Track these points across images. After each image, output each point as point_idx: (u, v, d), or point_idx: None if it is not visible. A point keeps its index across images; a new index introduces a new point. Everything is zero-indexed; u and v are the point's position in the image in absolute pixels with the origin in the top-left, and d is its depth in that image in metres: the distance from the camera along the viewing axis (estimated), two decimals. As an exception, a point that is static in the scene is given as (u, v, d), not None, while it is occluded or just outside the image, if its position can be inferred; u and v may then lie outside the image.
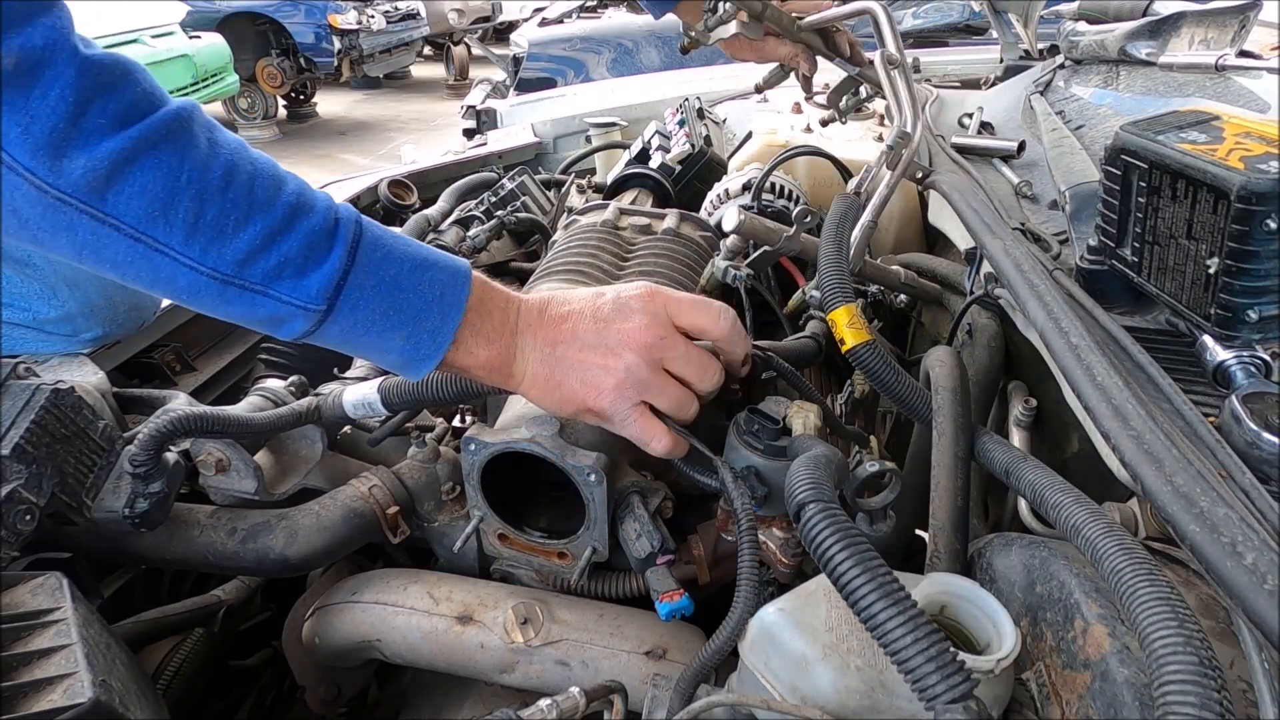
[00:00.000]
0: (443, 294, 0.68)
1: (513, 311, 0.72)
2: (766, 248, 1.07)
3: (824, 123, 1.52)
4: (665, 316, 0.73)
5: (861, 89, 1.37)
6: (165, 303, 1.22)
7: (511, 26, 8.93)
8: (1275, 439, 0.54)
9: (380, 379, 0.90)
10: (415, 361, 0.68)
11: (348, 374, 1.07)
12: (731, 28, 1.26)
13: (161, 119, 0.57)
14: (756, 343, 0.89)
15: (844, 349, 0.80)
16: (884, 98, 1.27)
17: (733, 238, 1.07)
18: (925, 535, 0.72)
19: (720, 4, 1.25)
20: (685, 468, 0.82)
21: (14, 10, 0.51)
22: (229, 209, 0.59)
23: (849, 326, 0.80)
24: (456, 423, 1.10)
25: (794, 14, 1.29)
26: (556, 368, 0.72)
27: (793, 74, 1.39)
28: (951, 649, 0.47)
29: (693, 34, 1.28)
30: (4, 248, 0.91)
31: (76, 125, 0.54)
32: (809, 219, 1.06)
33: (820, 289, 0.84)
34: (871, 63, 1.34)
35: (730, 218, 1.04)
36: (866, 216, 0.99)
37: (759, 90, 1.49)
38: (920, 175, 1.15)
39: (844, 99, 1.37)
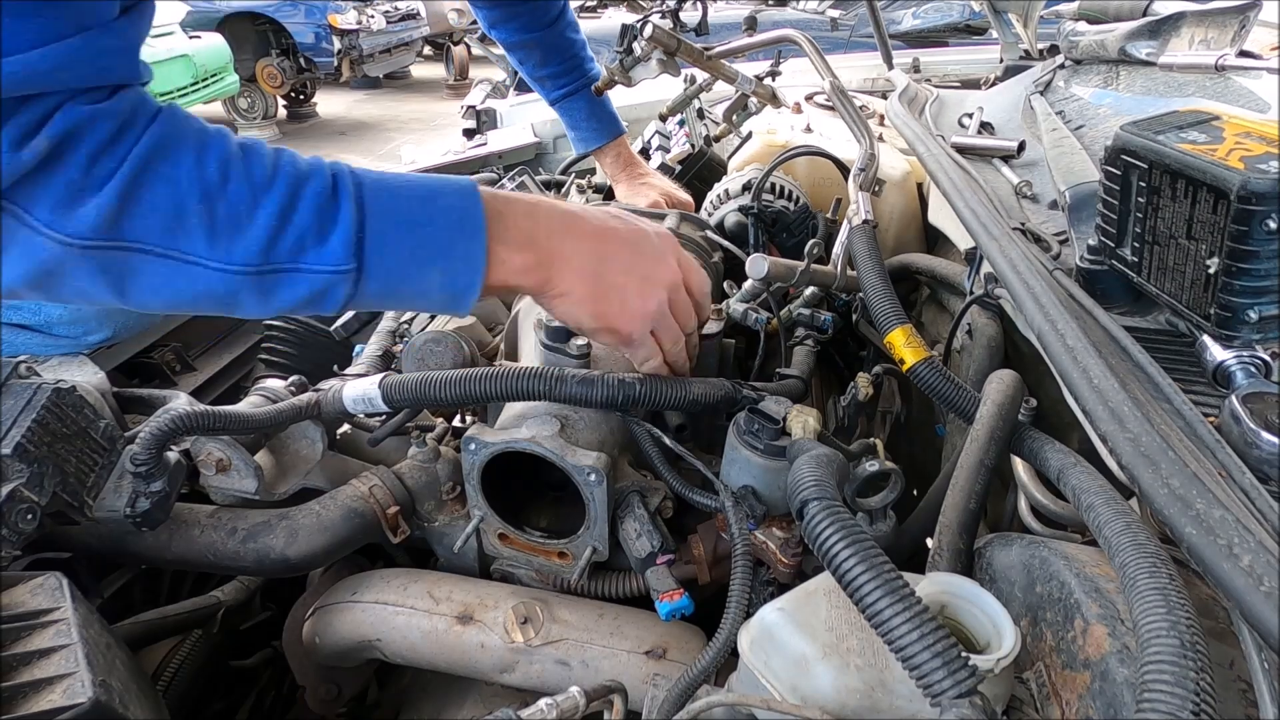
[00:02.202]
0: (461, 219, 0.67)
1: (540, 215, 0.72)
2: (780, 284, 1.11)
3: (716, 138, 1.65)
4: (680, 266, 0.81)
5: (750, 103, 1.52)
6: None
7: (512, 26, 8.90)
8: (1275, 439, 0.54)
9: (381, 375, 0.90)
10: (459, 294, 0.68)
11: (348, 370, 1.07)
12: (654, 67, 1.35)
13: (151, 138, 0.58)
14: (750, 383, 0.89)
15: (904, 368, 0.85)
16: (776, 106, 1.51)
17: (750, 282, 1.08)
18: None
19: (635, 44, 1.33)
20: (684, 491, 0.83)
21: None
22: (235, 200, 0.59)
23: (906, 346, 0.85)
24: (456, 422, 1.10)
25: (703, 47, 1.43)
26: (599, 285, 0.74)
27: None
28: (956, 644, 0.47)
29: (614, 76, 1.38)
30: None
31: (89, 175, 0.55)
32: (815, 251, 1.09)
33: (873, 315, 0.91)
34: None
35: (759, 267, 1.06)
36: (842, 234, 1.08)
37: (663, 118, 1.67)
38: (876, 188, 1.20)
39: (735, 115, 1.53)
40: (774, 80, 1.52)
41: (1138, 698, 0.43)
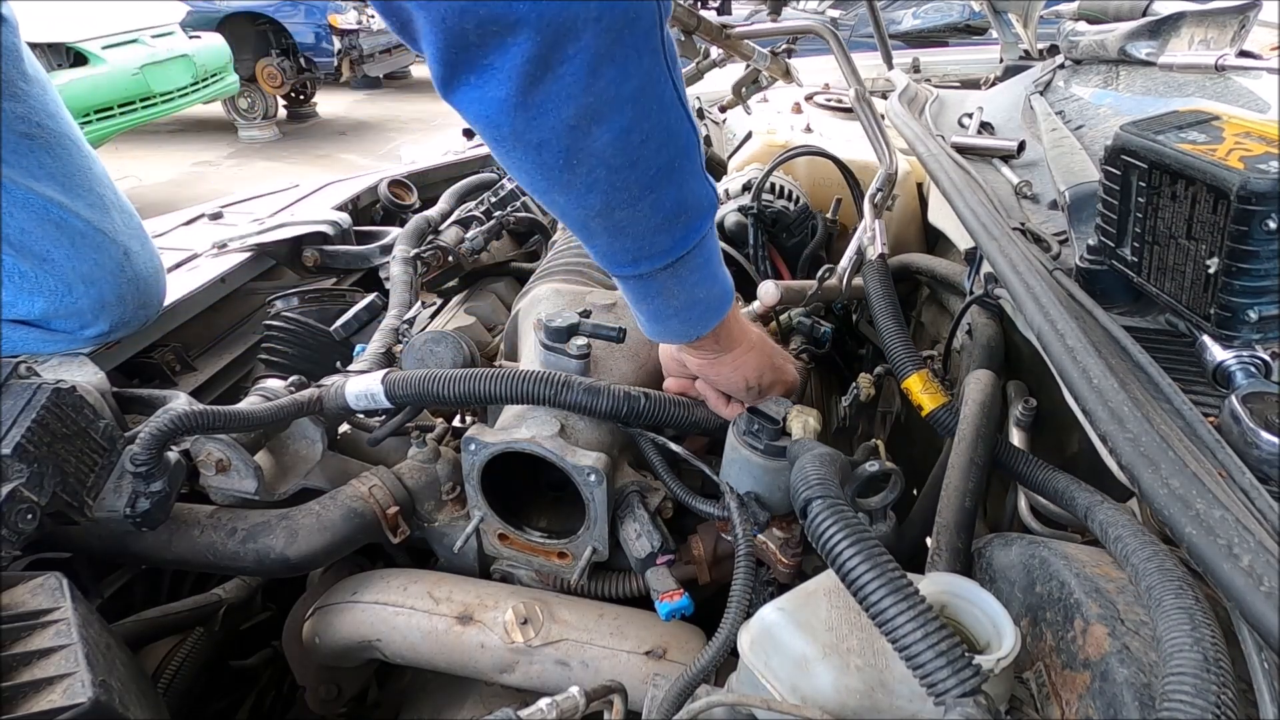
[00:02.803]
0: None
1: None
2: (788, 304, 1.12)
3: (722, 109, 1.66)
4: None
5: (762, 77, 1.55)
6: (166, 302, 1.21)
7: (512, 26, 8.88)
8: (1275, 439, 0.54)
9: (384, 371, 0.90)
10: (727, 294, 0.75)
11: (350, 368, 1.07)
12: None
13: None
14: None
15: (923, 414, 0.86)
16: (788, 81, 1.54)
17: (756, 303, 1.08)
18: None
19: None
20: (688, 500, 0.83)
21: None
22: None
23: (923, 392, 0.86)
24: (456, 422, 1.10)
25: (722, 25, 1.42)
26: (768, 349, 0.84)
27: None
28: (961, 643, 0.47)
29: None
30: (25, 242, 0.91)
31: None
32: (828, 275, 1.12)
33: (889, 360, 0.93)
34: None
35: (770, 293, 1.07)
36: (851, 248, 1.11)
37: None
38: (890, 204, 1.22)
39: (744, 89, 1.56)
40: (789, 57, 1.52)
41: (1158, 706, 0.43)
